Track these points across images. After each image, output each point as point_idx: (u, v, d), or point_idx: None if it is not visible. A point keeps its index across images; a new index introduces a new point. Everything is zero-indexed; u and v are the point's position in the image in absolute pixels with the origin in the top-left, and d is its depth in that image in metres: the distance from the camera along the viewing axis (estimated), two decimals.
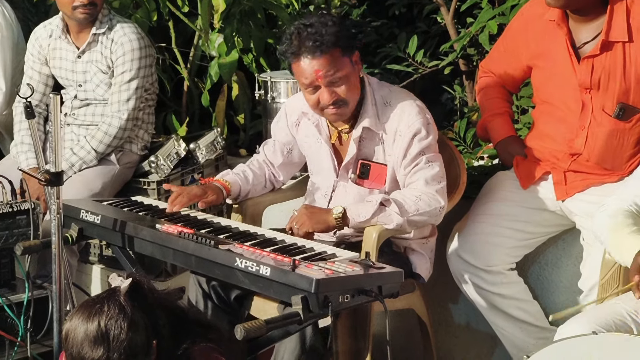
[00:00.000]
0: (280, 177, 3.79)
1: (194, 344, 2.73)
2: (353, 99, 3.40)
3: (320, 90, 3.35)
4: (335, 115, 3.41)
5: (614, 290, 3.09)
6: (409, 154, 3.40)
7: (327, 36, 3.30)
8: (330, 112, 3.39)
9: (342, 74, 3.33)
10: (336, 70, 3.32)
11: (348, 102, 3.37)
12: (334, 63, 3.31)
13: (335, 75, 3.32)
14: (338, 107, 3.37)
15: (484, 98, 3.88)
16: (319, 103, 3.37)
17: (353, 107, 3.42)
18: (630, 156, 3.51)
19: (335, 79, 3.33)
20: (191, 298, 3.38)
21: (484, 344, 4.04)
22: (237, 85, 5.23)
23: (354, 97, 3.40)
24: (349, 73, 3.35)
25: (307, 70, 3.32)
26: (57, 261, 3.27)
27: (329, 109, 3.38)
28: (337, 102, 3.36)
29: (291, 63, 3.38)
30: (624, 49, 3.40)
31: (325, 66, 3.31)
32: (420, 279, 3.59)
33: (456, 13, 4.84)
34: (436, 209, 3.37)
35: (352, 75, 3.37)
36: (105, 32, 4.29)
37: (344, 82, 3.34)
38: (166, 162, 4.37)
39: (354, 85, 3.39)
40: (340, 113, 3.40)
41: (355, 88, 3.40)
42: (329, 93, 3.34)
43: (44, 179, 3.24)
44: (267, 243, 3.17)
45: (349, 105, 3.39)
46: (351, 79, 3.36)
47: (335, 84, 3.34)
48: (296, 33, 3.34)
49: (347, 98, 3.36)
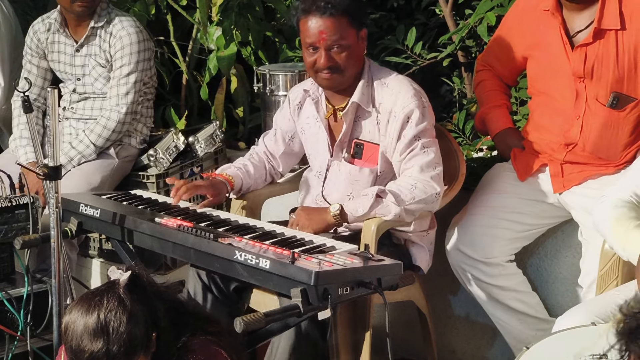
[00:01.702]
0: (280, 168, 3.79)
1: (194, 336, 2.73)
2: (350, 69, 3.41)
3: (319, 52, 3.37)
4: (327, 81, 3.43)
5: (613, 281, 3.10)
6: (404, 136, 3.40)
7: (340, 1, 3.33)
8: (323, 77, 3.41)
9: (345, 43, 3.36)
10: (340, 36, 3.35)
11: (343, 70, 3.39)
12: (340, 28, 3.34)
13: (338, 41, 3.35)
14: (332, 72, 3.39)
15: (482, 91, 3.89)
16: (315, 64, 3.39)
17: (349, 78, 3.43)
18: (626, 145, 3.51)
19: (337, 44, 3.35)
20: (190, 291, 3.39)
21: (484, 336, 4.05)
22: (236, 78, 5.22)
23: (352, 68, 3.41)
24: (352, 44, 3.38)
25: (312, 29, 3.35)
26: (57, 255, 3.27)
27: (322, 73, 3.40)
28: (332, 67, 3.38)
29: (299, 19, 3.40)
30: (616, 37, 3.40)
31: (330, 29, 3.34)
32: (419, 271, 3.59)
33: (454, 5, 4.83)
34: (432, 195, 3.37)
35: (355, 47, 3.39)
36: (103, 25, 4.29)
37: (345, 50, 3.36)
38: (165, 155, 4.37)
39: (355, 57, 3.41)
40: (333, 79, 3.42)
41: (355, 60, 3.41)
42: (326, 57, 3.36)
43: (43, 173, 3.24)
44: (267, 236, 3.17)
45: (344, 74, 3.40)
46: (353, 50, 3.39)
47: (335, 50, 3.36)
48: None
49: (343, 66, 3.38)
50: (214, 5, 4.97)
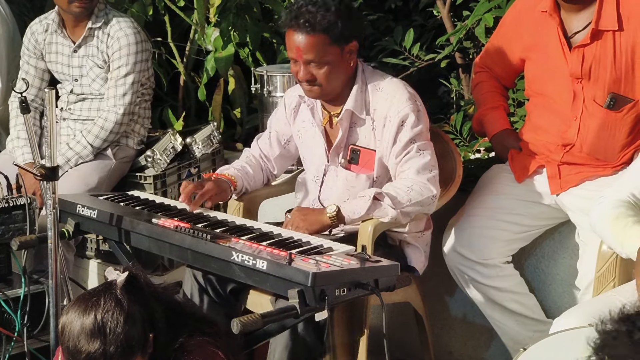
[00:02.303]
0: (275, 171, 3.79)
1: (191, 337, 2.73)
2: (330, 84, 3.40)
3: (298, 64, 3.38)
4: (309, 92, 3.45)
5: (610, 283, 3.10)
6: (399, 140, 3.39)
7: (321, 20, 3.31)
8: (305, 88, 3.44)
9: (323, 60, 3.35)
10: (316, 54, 3.34)
11: (322, 84, 3.39)
12: (317, 47, 3.33)
13: (314, 59, 3.35)
14: (311, 85, 3.41)
15: (479, 93, 3.89)
16: (297, 75, 3.42)
17: (330, 91, 3.43)
18: (623, 146, 3.51)
19: (314, 61, 3.35)
20: (187, 292, 3.38)
21: (481, 337, 4.05)
22: (234, 79, 5.22)
23: (332, 82, 3.40)
24: (332, 60, 3.36)
25: (292, 43, 3.37)
26: (54, 256, 3.27)
27: (304, 84, 3.43)
28: (310, 81, 3.39)
29: (285, 30, 3.41)
30: (614, 38, 3.40)
31: (307, 47, 3.34)
32: (415, 272, 3.59)
33: (452, 6, 4.84)
34: (428, 198, 3.37)
35: (337, 63, 3.37)
36: (101, 26, 4.29)
37: (324, 65, 3.36)
38: (162, 156, 4.37)
39: (337, 72, 3.39)
40: (314, 91, 3.43)
41: (336, 75, 3.40)
42: (304, 70, 3.38)
43: (40, 173, 3.23)
44: (264, 237, 3.17)
45: (324, 88, 3.41)
46: (334, 66, 3.37)
47: (313, 65, 3.36)
48: (300, 4, 3.36)
49: (321, 81, 3.38)
50: (211, 6, 4.97)
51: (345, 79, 3.44)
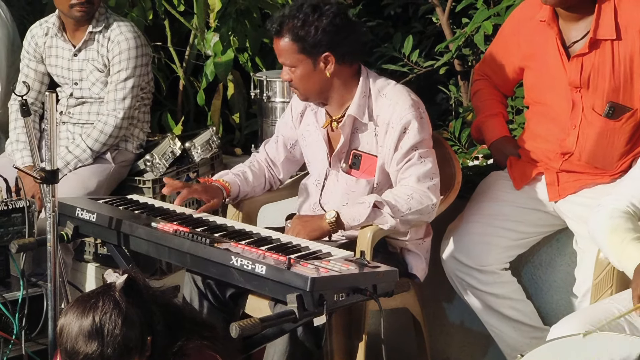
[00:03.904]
0: (281, 175, 3.79)
1: (189, 341, 2.74)
2: (305, 88, 3.46)
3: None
4: (295, 92, 3.54)
5: (607, 290, 3.11)
6: (401, 147, 3.40)
7: (295, 29, 3.37)
8: (290, 86, 3.52)
9: (293, 66, 3.43)
10: (286, 59, 3.43)
11: (299, 89, 3.48)
12: (286, 52, 3.42)
13: (285, 62, 3.44)
14: (292, 87, 3.49)
15: (478, 100, 3.90)
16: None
17: (309, 95, 3.49)
18: (621, 155, 3.52)
19: (285, 64, 3.44)
20: (186, 296, 3.39)
21: (478, 343, 4.05)
22: (233, 84, 5.23)
23: (308, 87, 3.46)
24: (303, 69, 3.41)
25: (274, 45, 3.46)
26: (52, 259, 3.27)
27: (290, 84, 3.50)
28: (290, 83, 3.47)
29: None
30: (612, 47, 3.41)
31: (279, 50, 3.44)
32: (416, 279, 3.60)
33: (451, 13, 4.85)
34: (428, 207, 3.37)
35: (308, 71, 3.42)
36: (101, 30, 4.29)
37: (295, 72, 3.43)
38: (161, 160, 4.38)
39: (310, 79, 3.43)
40: (296, 93, 3.53)
41: (311, 81, 3.44)
42: (283, 71, 3.48)
43: (40, 177, 3.24)
44: (263, 242, 3.17)
45: (302, 93, 3.49)
46: (304, 74, 3.43)
47: (288, 69, 3.45)
48: (288, 9, 3.43)
49: (296, 85, 3.47)
50: (211, 11, 4.98)
51: (323, 86, 3.46)
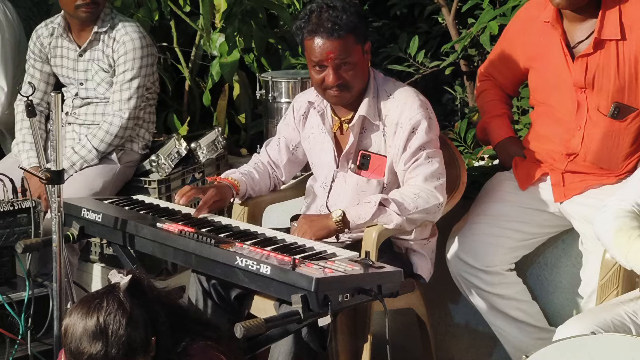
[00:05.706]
0: (283, 177, 3.80)
1: (193, 341, 2.74)
2: (357, 85, 3.43)
3: (326, 70, 3.38)
4: (336, 98, 3.45)
5: (613, 291, 3.10)
6: (409, 147, 3.41)
7: (346, 21, 3.34)
8: (332, 94, 3.43)
9: (352, 60, 3.38)
10: (347, 55, 3.36)
11: (351, 87, 3.41)
12: (346, 48, 3.36)
13: (346, 60, 3.37)
14: (340, 90, 3.41)
15: (483, 101, 3.90)
16: (323, 82, 3.40)
17: (355, 93, 3.45)
18: (627, 155, 3.52)
19: (344, 63, 3.37)
20: (191, 296, 3.39)
21: (483, 344, 4.05)
22: (238, 84, 5.23)
23: (359, 83, 3.43)
24: (358, 60, 3.39)
25: (319, 50, 3.36)
26: (58, 259, 3.27)
27: (331, 90, 3.41)
28: (341, 85, 3.40)
29: (304, 39, 3.41)
30: (617, 48, 3.41)
31: (337, 49, 3.35)
32: (421, 280, 3.60)
33: (457, 14, 4.85)
34: (435, 206, 3.38)
35: (360, 62, 3.41)
36: (107, 30, 4.30)
37: (352, 67, 3.38)
38: (167, 161, 4.38)
39: (361, 73, 3.43)
40: (342, 96, 3.44)
41: (361, 75, 3.43)
42: (334, 75, 3.38)
43: (45, 177, 3.25)
44: (268, 242, 3.17)
45: (351, 91, 3.43)
46: (359, 66, 3.40)
47: (343, 68, 3.38)
48: (317, 11, 3.38)
49: (351, 83, 3.40)
50: (217, 11, 4.99)
51: (364, 83, 3.46)
